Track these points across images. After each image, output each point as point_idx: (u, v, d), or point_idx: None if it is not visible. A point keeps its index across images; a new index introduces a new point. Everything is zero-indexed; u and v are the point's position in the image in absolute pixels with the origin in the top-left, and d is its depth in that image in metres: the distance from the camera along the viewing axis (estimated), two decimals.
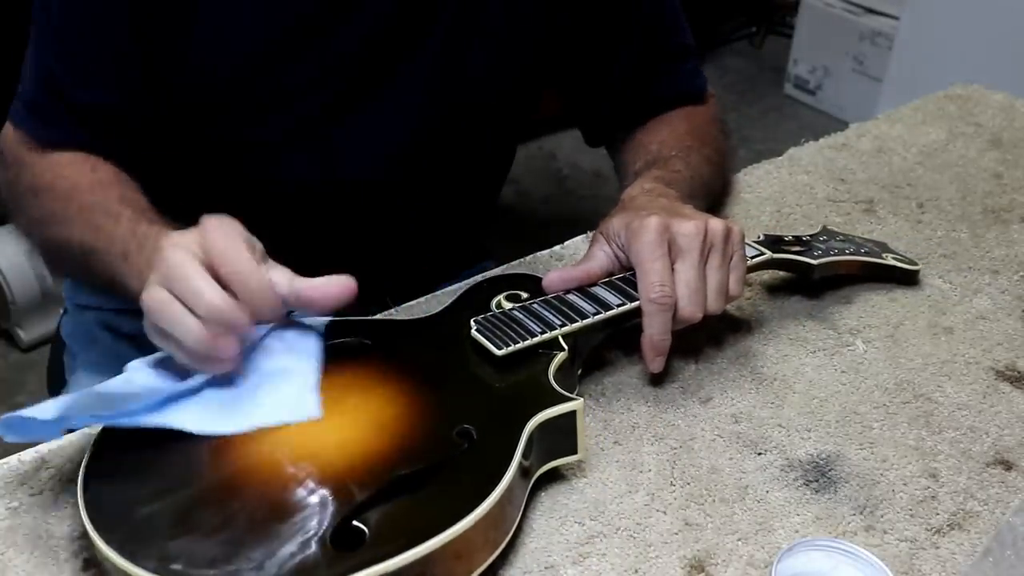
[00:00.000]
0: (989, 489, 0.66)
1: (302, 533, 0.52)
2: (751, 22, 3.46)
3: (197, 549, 0.51)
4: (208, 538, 0.52)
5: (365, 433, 0.59)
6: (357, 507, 0.53)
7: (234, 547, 0.51)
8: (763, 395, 0.73)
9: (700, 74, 0.98)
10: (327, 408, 0.61)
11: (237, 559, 0.50)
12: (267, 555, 0.50)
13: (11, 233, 1.90)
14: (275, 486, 0.55)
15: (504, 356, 0.65)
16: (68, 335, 0.99)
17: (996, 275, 0.88)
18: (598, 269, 0.73)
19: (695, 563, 0.59)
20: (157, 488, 0.55)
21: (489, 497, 0.54)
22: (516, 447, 0.57)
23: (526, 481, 0.60)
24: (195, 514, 0.54)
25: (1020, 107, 1.19)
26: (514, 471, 0.56)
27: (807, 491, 0.65)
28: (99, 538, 0.52)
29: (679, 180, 0.83)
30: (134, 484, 0.56)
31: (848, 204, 0.98)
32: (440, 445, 0.58)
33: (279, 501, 0.54)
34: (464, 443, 0.58)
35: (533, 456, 0.60)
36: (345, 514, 0.53)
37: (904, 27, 2.51)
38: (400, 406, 0.62)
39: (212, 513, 0.53)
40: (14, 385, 1.88)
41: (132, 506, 0.54)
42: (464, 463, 0.57)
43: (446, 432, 0.59)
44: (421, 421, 0.61)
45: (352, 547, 0.51)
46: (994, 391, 0.74)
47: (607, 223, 0.74)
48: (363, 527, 0.52)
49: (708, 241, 0.70)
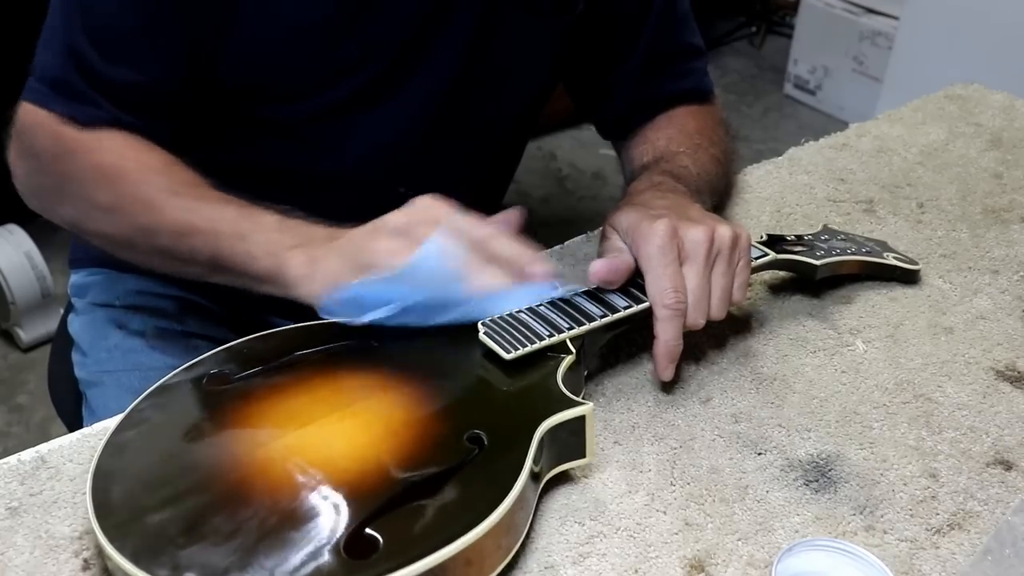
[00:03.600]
0: (989, 489, 0.66)
1: (315, 541, 0.51)
2: (751, 22, 3.46)
3: (209, 557, 0.51)
4: (220, 546, 0.51)
5: (376, 438, 0.59)
6: (370, 515, 0.53)
7: (247, 555, 0.51)
8: (763, 395, 0.73)
9: (707, 74, 0.99)
10: (336, 413, 0.61)
11: (250, 568, 0.50)
12: (280, 563, 0.50)
13: (11, 233, 1.90)
14: (287, 493, 0.54)
15: (513, 360, 0.65)
16: (77, 333, 0.99)
17: (996, 275, 0.88)
18: (633, 263, 0.72)
19: (695, 563, 0.59)
20: (167, 495, 0.55)
21: (502, 504, 0.54)
22: (527, 453, 0.57)
23: (536, 486, 0.60)
24: (206, 522, 0.53)
25: (1020, 107, 1.19)
26: (526, 477, 0.56)
27: (807, 491, 0.65)
28: (111, 547, 0.51)
29: (686, 176, 0.83)
30: (144, 492, 0.56)
31: (848, 204, 0.98)
32: (451, 451, 0.58)
33: (291, 509, 0.53)
34: (475, 448, 0.58)
35: (543, 461, 0.60)
36: (359, 522, 0.52)
37: (904, 27, 2.51)
38: (409, 410, 0.61)
39: (223, 521, 0.53)
40: (14, 385, 1.88)
41: (143, 514, 0.54)
42: (475, 469, 0.57)
43: (456, 437, 0.59)
44: (431, 426, 0.61)
45: (366, 555, 0.50)
46: (994, 391, 0.74)
47: (615, 217, 0.74)
48: (377, 535, 0.52)
49: (715, 247, 0.70)
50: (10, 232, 1.91)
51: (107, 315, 0.97)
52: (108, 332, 0.96)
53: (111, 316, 0.97)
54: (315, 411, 0.61)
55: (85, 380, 0.96)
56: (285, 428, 0.59)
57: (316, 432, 0.59)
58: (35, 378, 1.87)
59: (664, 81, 0.95)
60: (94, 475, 0.56)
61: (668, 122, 0.93)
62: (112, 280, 0.98)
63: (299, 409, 0.61)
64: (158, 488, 0.55)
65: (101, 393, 0.92)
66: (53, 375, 1.07)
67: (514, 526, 0.56)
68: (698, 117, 0.95)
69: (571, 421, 0.61)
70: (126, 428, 0.60)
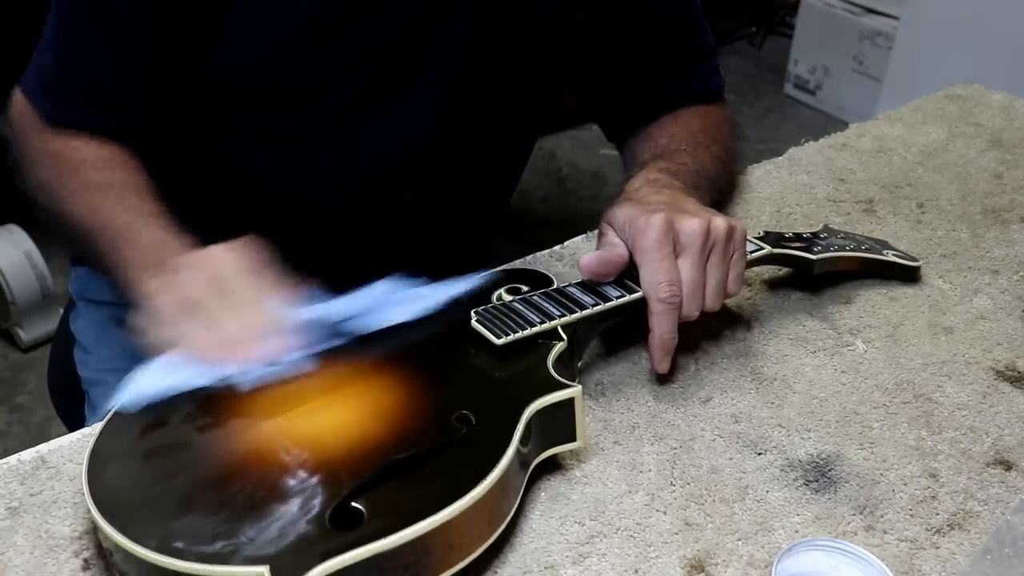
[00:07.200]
0: (989, 489, 0.66)
1: (302, 512, 0.52)
2: (751, 22, 3.46)
3: (198, 528, 0.52)
4: (209, 518, 0.53)
5: (364, 418, 0.60)
6: (356, 489, 0.54)
7: (234, 525, 0.52)
8: (763, 395, 0.73)
9: (717, 73, 0.99)
10: (328, 394, 0.62)
11: (237, 535, 0.51)
12: (265, 531, 0.51)
13: (11, 233, 1.90)
14: (275, 469, 0.56)
15: (504, 345, 0.66)
16: (80, 331, 0.99)
17: (996, 275, 0.88)
18: (627, 254, 0.72)
19: (695, 563, 0.59)
20: (159, 473, 0.57)
21: (486, 479, 0.54)
22: (514, 433, 0.58)
23: (524, 470, 0.61)
24: (196, 497, 0.54)
25: (1020, 107, 1.19)
26: (511, 456, 0.57)
27: (807, 491, 0.65)
28: (103, 519, 0.53)
29: (684, 172, 0.83)
30: (137, 469, 0.57)
31: (848, 204, 0.98)
32: (438, 430, 0.59)
33: (279, 483, 0.55)
34: (463, 428, 0.59)
35: (531, 443, 0.61)
36: (344, 495, 0.53)
37: (904, 27, 2.51)
38: (399, 393, 0.63)
39: (213, 496, 0.54)
40: (14, 385, 1.88)
41: (135, 490, 0.55)
42: (462, 447, 0.58)
43: (445, 417, 0.60)
44: (420, 407, 0.62)
45: (350, 527, 0.52)
46: (994, 391, 0.74)
47: (611, 213, 0.74)
48: (362, 508, 0.53)
49: (711, 239, 0.70)
50: (10, 232, 1.91)
51: (109, 312, 0.97)
52: (110, 330, 0.96)
53: (113, 313, 0.97)
54: (306, 394, 0.62)
55: (88, 379, 0.96)
56: (276, 410, 0.61)
57: (306, 413, 0.61)
58: (35, 378, 1.87)
59: (673, 82, 0.94)
60: (91, 453, 0.58)
61: (673, 121, 0.93)
62: None
63: (290, 392, 0.62)
64: (150, 466, 0.57)
65: (104, 391, 0.92)
66: (53, 375, 1.07)
67: (498, 508, 0.57)
68: (703, 116, 0.95)
69: (560, 404, 0.62)
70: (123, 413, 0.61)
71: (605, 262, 0.71)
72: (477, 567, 0.57)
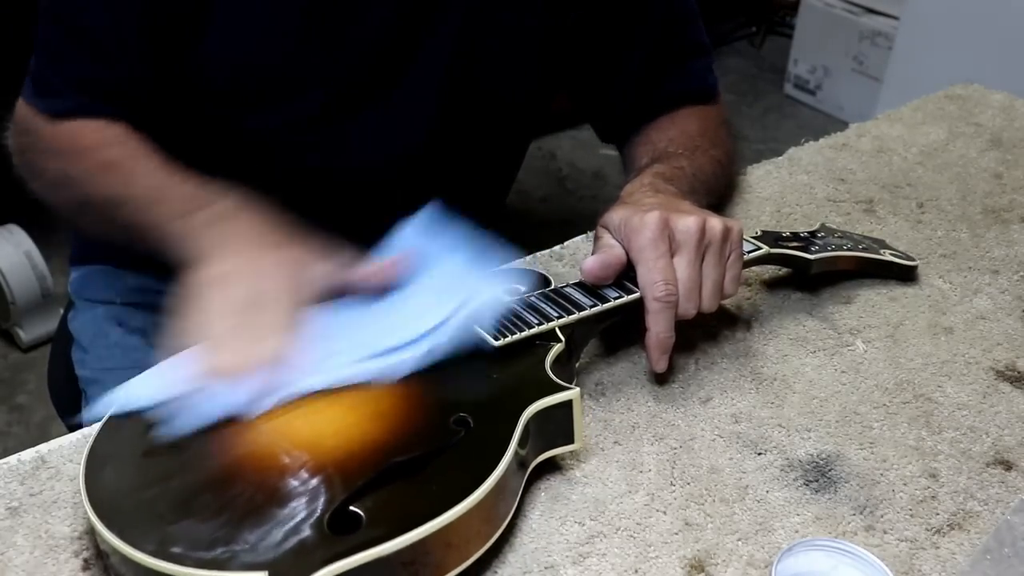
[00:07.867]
0: (989, 489, 0.66)
1: (300, 517, 0.52)
2: (751, 22, 3.46)
3: (196, 533, 0.52)
4: (207, 522, 0.52)
5: (362, 421, 0.60)
6: (354, 493, 0.54)
7: (232, 530, 0.52)
8: (763, 395, 0.73)
9: (711, 72, 0.98)
10: (326, 397, 0.62)
11: (235, 541, 0.51)
12: (264, 537, 0.51)
13: (11, 233, 1.90)
14: (273, 473, 0.55)
15: (501, 347, 0.66)
16: (78, 330, 0.99)
17: (996, 275, 0.88)
18: (624, 255, 0.72)
19: (695, 563, 0.59)
20: (157, 476, 0.56)
21: (484, 484, 0.54)
22: (512, 435, 0.58)
23: (522, 472, 0.61)
24: (194, 501, 0.54)
25: (1020, 107, 1.19)
26: (510, 459, 0.57)
27: (807, 491, 0.65)
28: (100, 523, 0.52)
29: (680, 176, 0.83)
30: (135, 473, 0.57)
31: (848, 204, 0.98)
32: (436, 433, 0.59)
33: (277, 487, 0.54)
34: (460, 431, 0.59)
35: (529, 445, 0.61)
36: (342, 499, 0.53)
37: (904, 27, 2.51)
38: (396, 395, 0.62)
39: (211, 500, 0.54)
40: (14, 385, 1.88)
41: (133, 493, 0.55)
42: (460, 451, 0.58)
43: (442, 420, 0.60)
44: (418, 410, 0.62)
45: (349, 531, 0.52)
46: (994, 391, 0.74)
47: (606, 217, 0.74)
48: (360, 512, 0.53)
49: (706, 238, 0.70)
50: (10, 232, 1.91)
51: (107, 312, 0.97)
52: (108, 329, 0.96)
53: (111, 313, 0.97)
54: (304, 397, 0.62)
55: (86, 378, 0.96)
56: (273, 413, 0.60)
57: (304, 416, 0.60)
58: (35, 378, 1.87)
59: (667, 81, 0.94)
60: (88, 456, 0.57)
61: (671, 123, 0.93)
62: (112, 277, 0.99)
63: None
64: (148, 469, 0.57)
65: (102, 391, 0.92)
66: (53, 375, 1.07)
67: (496, 511, 0.57)
68: (701, 118, 0.94)
69: (558, 406, 0.62)
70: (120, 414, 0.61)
71: (606, 265, 0.71)
72: (477, 567, 0.57)
